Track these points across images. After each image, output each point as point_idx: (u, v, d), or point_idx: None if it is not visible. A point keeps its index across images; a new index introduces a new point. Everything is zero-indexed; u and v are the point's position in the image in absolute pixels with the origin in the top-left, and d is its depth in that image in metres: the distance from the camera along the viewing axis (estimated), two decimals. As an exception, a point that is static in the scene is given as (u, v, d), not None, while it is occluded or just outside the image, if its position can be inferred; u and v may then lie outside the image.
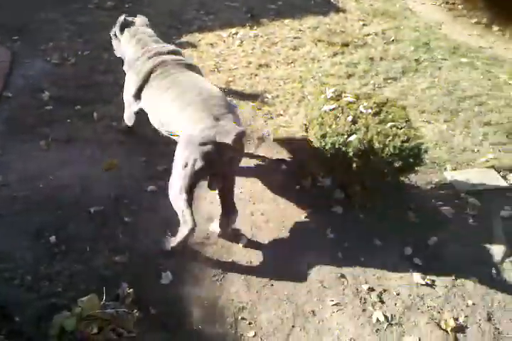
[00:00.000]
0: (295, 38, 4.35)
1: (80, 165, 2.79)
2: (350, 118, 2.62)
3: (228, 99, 2.50)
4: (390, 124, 2.58)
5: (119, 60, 3.23)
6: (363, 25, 4.57)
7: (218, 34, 4.39)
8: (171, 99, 2.29)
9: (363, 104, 2.71)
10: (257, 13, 4.77)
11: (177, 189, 2.14)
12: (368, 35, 4.37)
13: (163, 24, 4.48)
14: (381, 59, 3.99)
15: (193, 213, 2.15)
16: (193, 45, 4.20)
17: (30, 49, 3.86)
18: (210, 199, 2.65)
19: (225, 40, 4.32)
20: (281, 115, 3.39)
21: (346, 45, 4.19)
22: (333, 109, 2.70)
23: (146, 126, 3.09)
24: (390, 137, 2.48)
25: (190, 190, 2.13)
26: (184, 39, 4.27)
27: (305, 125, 2.98)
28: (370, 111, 2.67)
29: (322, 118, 2.67)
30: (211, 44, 4.23)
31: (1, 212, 2.46)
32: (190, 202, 2.14)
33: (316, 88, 3.58)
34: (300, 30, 4.46)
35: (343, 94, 2.82)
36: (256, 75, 3.82)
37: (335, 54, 4.07)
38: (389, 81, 3.73)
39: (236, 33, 4.42)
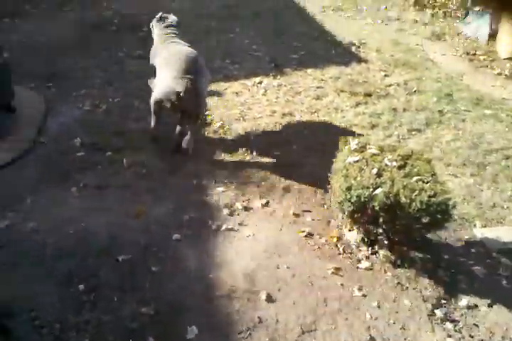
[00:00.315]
0: (318, 87, 4.47)
1: (110, 211, 2.84)
2: (375, 170, 2.64)
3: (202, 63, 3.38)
4: (415, 178, 2.59)
5: (149, 109, 3.37)
6: (385, 75, 4.68)
7: (243, 83, 4.53)
8: (160, 62, 3.39)
9: (387, 156, 2.74)
10: (280, 63, 4.94)
11: (151, 113, 3.39)
12: (390, 85, 4.47)
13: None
14: (404, 110, 4.06)
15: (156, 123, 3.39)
16: (218, 94, 4.33)
17: (63, 96, 4.03)
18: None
19: (249, 88, 4.45)
20: (306, 157, 3.44)
21: (369, 95, 4.29)
22: (358, 161, 2.74)
23: (175, 173, 3.18)
24: (417, 191, 2.48)
25: (156, 115, 3.37)
26: (211, 88, 4.41)
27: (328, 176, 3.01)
28: (395, 163, 2.70)
29: (347, 170, 2.70)
30: (236, 93, 4.36)
31: (32, 257, 2.50)
32: (156, 120, 3.39)
33: (338, 135, 3.65)
34: (322, 80, 4.59)
35: (368, 146, 2.86)
36: (280, 124, 3.91)
37: (358, 104, 4.16)
38: (413, 132, 3.78)
39: (260, 82, 4.55)
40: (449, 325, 2.34)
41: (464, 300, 2.46)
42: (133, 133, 3.58)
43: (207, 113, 3.93)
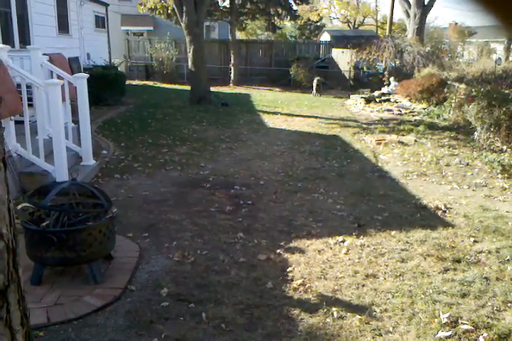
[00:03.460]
0: (402, 250, 4.41)
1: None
2: (470, 348, 2.44)
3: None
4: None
5: (233, 264, 3.47)
6: (475, 241, 4.56)
7: (325, 241, 4.60)
8: None
9: (482, 334, 2.54)
10: (363, 223, 5.02)
11: None
12: (481, 252, 4.31)
13: (275, 229, 4.86)
14: (497, 279, 3.83)
15: None
16: (301, 250, 4.40)
17: (156, 246, 4.31)
18: None
19: (331, 247, 4.50)
20: (390, 332, 3.23)
21: (458, 261, 4.14)
22: (449, 336, 2.55)
23: (253, 331, 3.10)
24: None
25: None
26: (293, 244, 4.52)
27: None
28: (492, 343, 2.48)
29: (438, 345, 2.52)
30: (318, 250, 4.41)
31: None
32: None
33: (427, 305, 3.46)
34: (407, 243, 4.54)
35: (460, 320, 2.68)
36: (363, 286, 3.80)
37: (446, 270, 4.00)
38: (508, 304, 3.49)
39: (343, 241, 4.60)
40: None
41: None
42: (215, 286, 3.66)
43: (288, 269, 3.97)
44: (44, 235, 3.43)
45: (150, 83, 19.76)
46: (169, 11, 17.93)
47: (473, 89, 9.96)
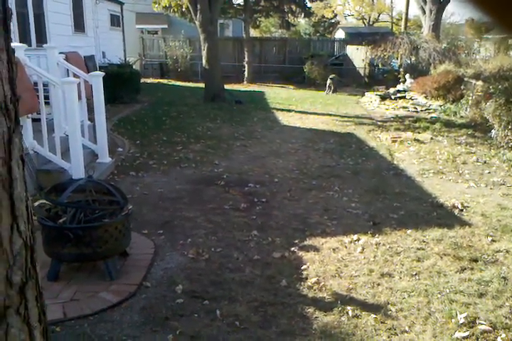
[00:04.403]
0: (418, 249, 4.36)
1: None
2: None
3: None
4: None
5: (247, 261, 3.47)
6: (492, 240, 4.49)
7: (340, 239, 4.57)
8: None
9: (500, 335, 2.50)
10: (378, 221, 4.98)
11: None
12: (498, 251, 4.25)
13: (289, 226, 4.84)
14: (516, 279, 3.78)
15: None
16: (315, 249, 4.38)
17: (171, 243, 4.32)
18: None
19: (346, 245, 4.47)
20: (406, 332, 3.20)
21: (475, 260, 4.08)
22: (467, 337, 2.52)
23: (268, 329, 3.10)
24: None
25: None
26: (308, 242, 4.50)
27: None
28: (511, 344, 2.44)
29: (456, 345, 2.49)
30: (333, 249, 4.38)
31: None
32: None
33: (444, 305, 3.42)
34: (423, 242, 4.49)
35: (477, 321, 2.65)
36: (378, 285, 3.77)
37: (463, 269, 3.95)
38: (527, 305, 3.44)
39: (358, 240, 4.57)
40: None
41: None
42: (230, 283, 3.66)
43: (303, 267, 3.96)
44: (61, 231, 3.47)
45: (164, 81, 19.84)
46: (183, 9, 17.97)
47: (490, 86, 9.81)
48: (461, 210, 5.28)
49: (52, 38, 9.98)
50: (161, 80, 20.03)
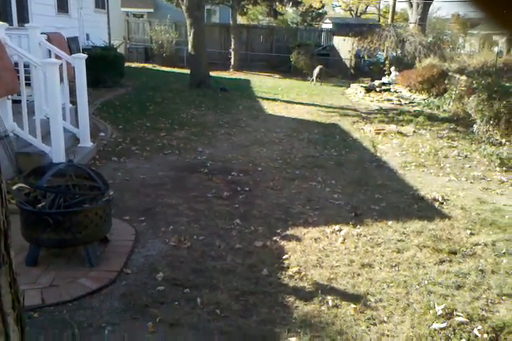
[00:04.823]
0: (399, 240, 4.41)
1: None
2: None
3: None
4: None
5: (229, 250, 3.45)
6: (471, 234, 4.56)
7: (322, 230, 4.59)
8: None
9: (477, 326, 2.55)
10: (360, 213, 5.01)
11: None
12: (477, 244, 4.32)
13: (272, 216, 4.84)
14: (493, 272, 3.84)
15: None
16: (297, 238, 4.39)
17: (152, 230, 4.29)
18: None
19: (328, 236, 4.49)
20: (385, 322, 3.24)
21: (453, 253, 4.14)
22: (444, 328, 2.56)
23: (249, 318, 3.10)
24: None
25: None
26: (290, 232, 4.51)
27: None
28: (485, 336, 2.49)
29: (432, 337, 2.52)
30: (315, 239, 4.40)
31: None
32: None
33: (422, 296, 3.47)
34: (404, 234, 4.54)
35: (455, 312, 2.69)
36: (358, 275, 3.80)
37: (442, 261, 4.01)
38: (503, 297, 3.50)
39: (339, 230, 4.59)
40: None
41: None
42: (211, 271, 3.65)
43: (284, 256, 3.97)
44: (40, 216, 3.40)
45: (149, 66, 19.55)
46: (170, -7, 17.66)
47: (474, 81, 9.90)
48: (442, 203, 5.35)
49: (34, 17, 9.70)
50: (146, 65, 19.73)
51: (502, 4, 0.67)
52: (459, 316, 2.57)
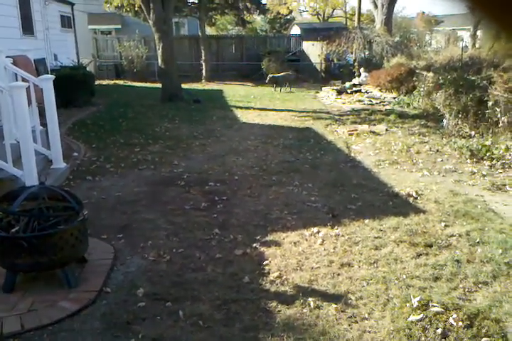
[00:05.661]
0: (376, 237, 4.48)
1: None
2: (439, 330, 2.51)
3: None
4: (484, 340, 2.41)
5: (209, 260, 3.45)
6: (445, 226, 4.65)
7: (301, 233, 4.64)
8: None
9: (452, 315, 2.61)
10: (337, 213, 5.08)
11: None
12: (452, 236, 4.41)
13: (250, 223, 4.88)
14: (468, 261, 3.93)
15: None
16: (277, 243, 4.43)
17: (131, 246, 4.28)
18: None
19: (307, 238, 4.54)
20: (366, 319, 3.28)
21: (429, 246, 4.23)
22: (421, 319, 2.61)
23: (232, 326, 3.12)
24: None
25: None
26: (269, 237, 4.54)
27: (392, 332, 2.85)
28: (460, 324, 2.55)
29: (409, 329, 2.57)
30: (294, 243, 4.44)
31: None
32: None
33: (401, 290, 3.53)
34: (381, 230, 4.62)
35: (430, 303, 2.75)
36: (338, 275, 3.85)
37: (418, 255, 4.09)
38: (479, 285, 3.59)
39: (318, 232, 4.64)
40: None
41: None
42: (192, 283, 3.66)
43: (265, 262, 4.00)
44: (14, 241, 3.38)
45: (120, 82, 19.51)
46: (136, 9, 17.65)
47: (440, 77, 10.12)
48: (416, 198, 5.45)
49: (-2, 41, 9.65)
50: (117, 81, 19.68)
51: (501, 7, 0.67)
52: (435, 307, 2.63)
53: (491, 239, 4.32)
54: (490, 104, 8.18)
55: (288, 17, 39.89)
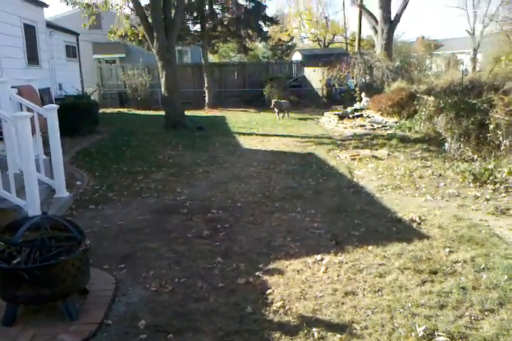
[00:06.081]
0: (380, 264, 4.43)
1: None
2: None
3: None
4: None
5: (212, 290, 3.40)
6: (450, 252, 4.60)
7: (304, 260, 4.60)
8: None
9: (459, 346, 2.56)
10: (341, 240, 5.04)
11: None
12: (457, 262, 4.36)
13: (253, 251, 4.84)
14: (474, 288, 3.87)
15: None
16: (280, 272, 4.38)
17: (133, 277, 4.24)
18: None
19: (310, 266, 4.49)
20: (372, 351, 3.22)
21: (434, 272, 4.17)
22: (428, 350, 2.56)
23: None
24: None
25: None
26: (272, 266, 4.50)
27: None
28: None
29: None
30: (297, 270, 4.39)
31: None
32: None
33: (406, 319, 3.47)
34: (385, 257, 4.57)
35: (436, 333, 2.70)
36: (342, 303, 3.80)
37: (423, 282, 4.03)
38: (486, 313, 3.52)
39: (321, 259, 4.60)
40: None
41: None
42: (194, 314, 3.61)
43: (268, 291, 3.95)
44: (15, 273, 3.36)
45: (124, 110, 19.76)
46: (140, 38, 18.06)
47: (441, 101, 10.21)
48: (419, 223, 5.41)
49: (4, 71, 9.85)
50: (121, 109, 19.94)
51: None
52: (440, 336, 2.58)
53: (496, 265, 4.26)
54: (491, 127, 8.21)
55: (289, 43, 40.63)
